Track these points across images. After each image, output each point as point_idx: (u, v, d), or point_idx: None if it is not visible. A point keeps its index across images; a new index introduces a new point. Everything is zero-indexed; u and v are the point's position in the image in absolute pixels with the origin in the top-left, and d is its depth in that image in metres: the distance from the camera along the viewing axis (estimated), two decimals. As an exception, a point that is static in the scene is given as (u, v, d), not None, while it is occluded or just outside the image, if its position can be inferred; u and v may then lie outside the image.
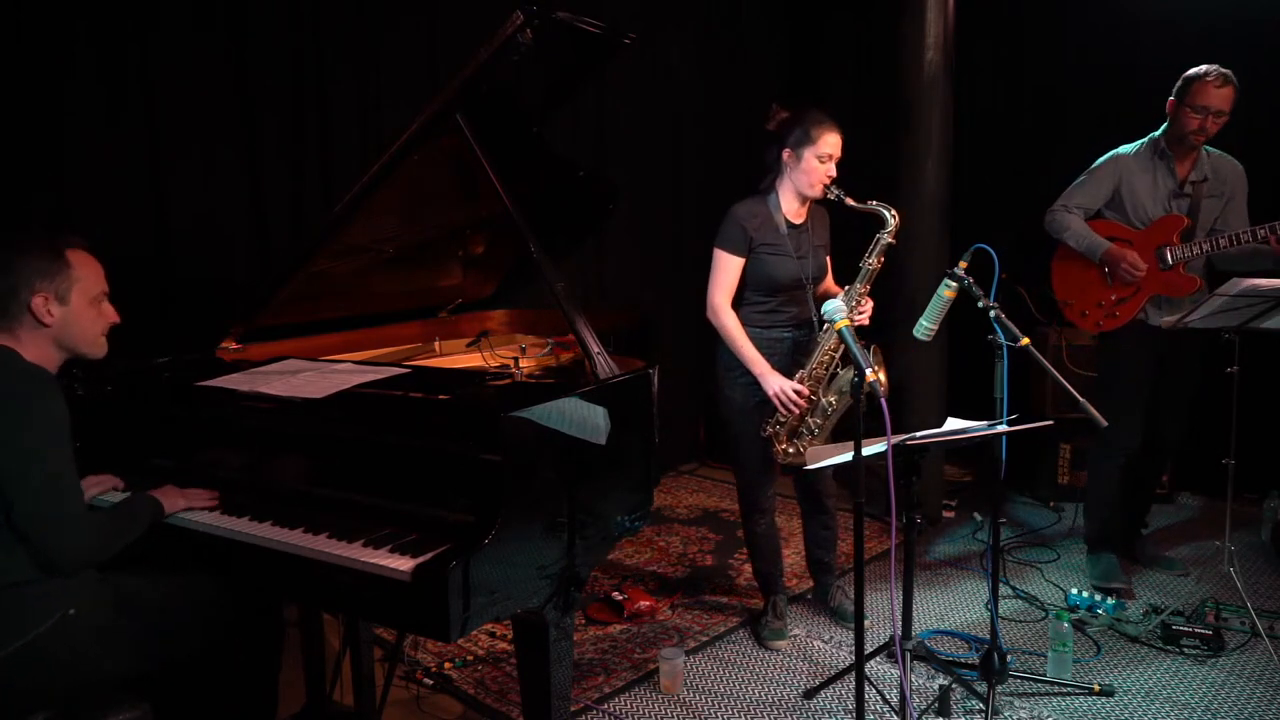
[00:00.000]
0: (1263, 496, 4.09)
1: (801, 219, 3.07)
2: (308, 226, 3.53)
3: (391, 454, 2.08)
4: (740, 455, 3.18)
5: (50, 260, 1.99)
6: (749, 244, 3.01)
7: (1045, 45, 4.95)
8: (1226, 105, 3.28)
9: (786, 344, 3.07)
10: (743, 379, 3.04)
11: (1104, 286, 3.47)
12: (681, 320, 5.23)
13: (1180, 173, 3.42)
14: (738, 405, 3.10)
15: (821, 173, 2.93)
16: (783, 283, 3.02)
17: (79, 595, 1.95)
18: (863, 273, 2.95)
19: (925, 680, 2.97)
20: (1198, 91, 3.29)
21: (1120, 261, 3.38)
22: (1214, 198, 3.43)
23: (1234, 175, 3.47)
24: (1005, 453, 2.71)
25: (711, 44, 5.33)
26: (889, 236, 2.92)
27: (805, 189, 2.98)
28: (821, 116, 2.95)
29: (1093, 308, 3.50)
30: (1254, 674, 2.97)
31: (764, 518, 3.24)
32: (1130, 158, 3.49)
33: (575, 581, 2.10)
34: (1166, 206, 3.42)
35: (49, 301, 1.98)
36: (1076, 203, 3.53)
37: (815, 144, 2.92)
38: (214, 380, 2.38)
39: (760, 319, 3.07)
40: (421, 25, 3.97)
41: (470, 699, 2.92)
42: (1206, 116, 3.29)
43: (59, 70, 3.07)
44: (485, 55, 2.24)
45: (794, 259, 3.01)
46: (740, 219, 3.02)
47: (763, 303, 3.06)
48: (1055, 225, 3.53)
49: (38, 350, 2.00)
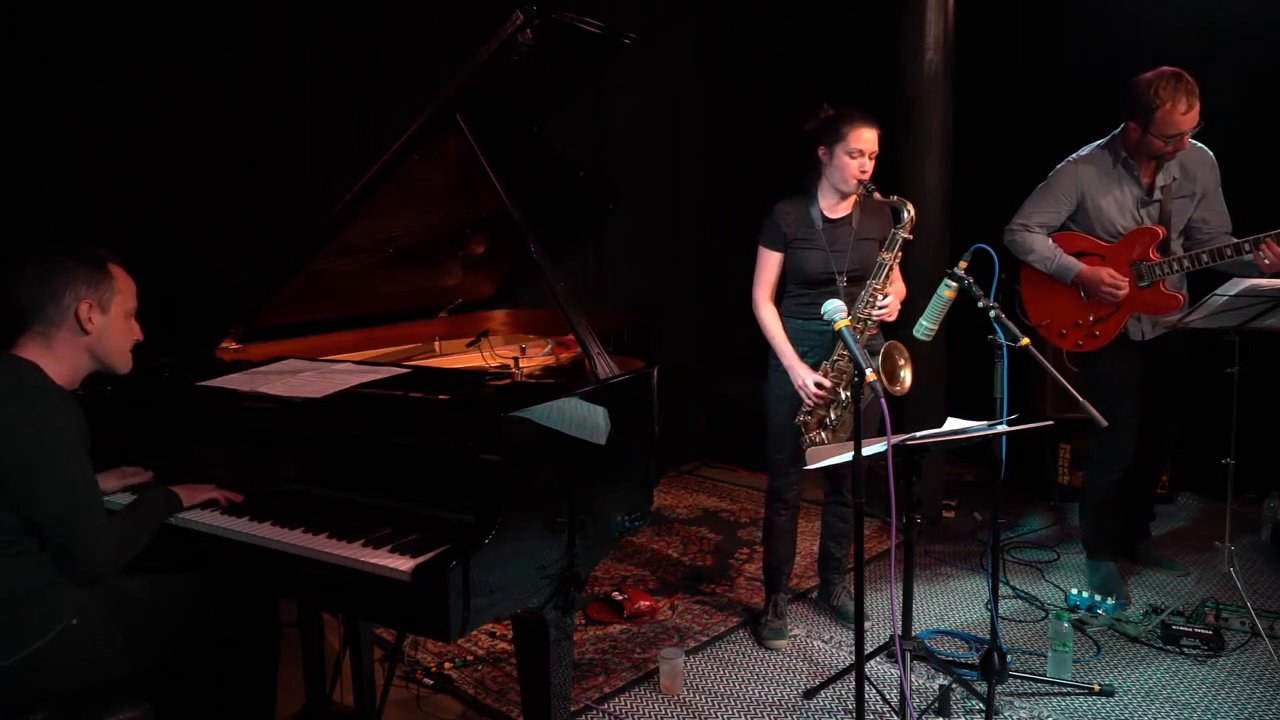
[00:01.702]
0: (1263, 496, 4.09)
1: (841, 214, 3.10)
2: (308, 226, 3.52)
3: (391, 454, 2.09)
4: (772, 443, 3.22)
5: (96, 269, 2.03)
6: (784, 239, 3.08)
7: (1045, 45, 4.96)
8: (1199, 118, 3.05)
9: (825, 337, 3.09)
10: (783, 368, 3.11)
11: (1080, 306, 3.31)
12: (682, 320, 5.24)
13: (1146, 179, 3.24)
14: (777, 393, 3.16)
15: (854, 168, 2.97)
16: (814, 276, 3.07)
17: (80, 603, 1.95)
18: (880, 268, 2.98)
19: (925, 680, 2.97)
20: (1164, 122, 3.04)
21: (1099, 285, 3.21)
22: (1184, 198, 3.27)
23: (1203, 167, 3.27)
24: (1005, 453, 2.71)
25: (712, 44, 5.33)
26: (905, 232, 2.95)
27: (839, 184, 3.03)
28: (854, 113, 2.99)
29: (1070, 328, 3.35)
30: (1254, 674, 2.97)
31: (787, 510, 3.26)
32: (1090, 167, 3.29)
33: (575, 581, 2.10)
34: (1136, 217, 3.25)
35: (93, 309, 2.01)
36: (1038, 221, 3.34)
37: (846, 140, 2.96)
38: (214, 380, 2.38)
39: (800, 311, 3.13)
40: (421, 25, 3.97)
41: (470, 699, 2.92)
42: (1182, 139, 3.08)
43: (59, 71, 3.07)
44: (485, 55, 2.24)
45: (825, 253, 3.05)
46: (777, 215, 3.11)
47: (801, 295, 3.13)
48: (1017, 247, 3.36)
49: (71, 358, 2.02)
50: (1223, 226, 3.34)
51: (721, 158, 5.37)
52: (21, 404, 1.91)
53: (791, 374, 3.06)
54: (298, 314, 2.84)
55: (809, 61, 5.76)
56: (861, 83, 5.38)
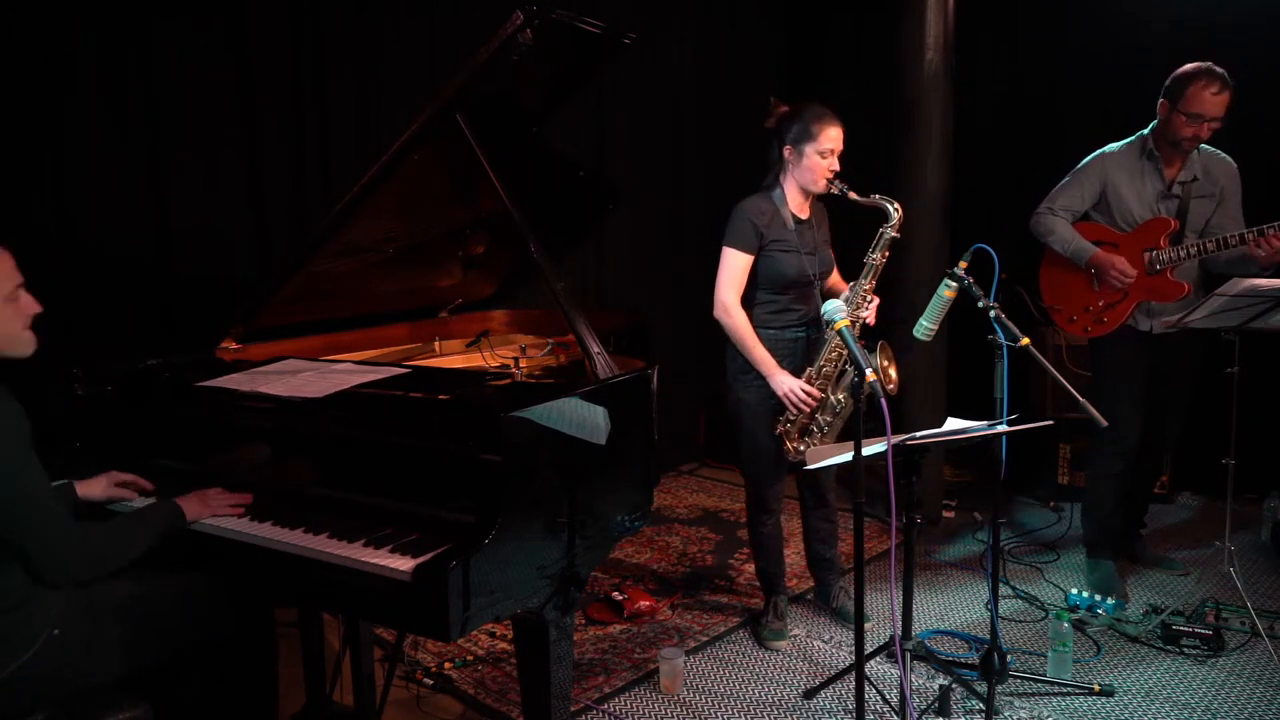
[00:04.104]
0: (1263, 496, 4.09)
1: (806, 214, 3.06)
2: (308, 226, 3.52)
3: (391, 454, 2.09)
4: (750, 455, 3.16)
5: None
6: (760, 241, 2.98)
7: (1045, 45, 4.95)
8: (1223, 111, 3.16)
9: (800, 343, 3.06)
10: (755, 381, 3.01)
11: (1090, 291, 3.40)
12: (681, 320, 5.23)
13: (1169, 173, 3.31)
14: (750, 407, 3.07)
15: (824, 168, 2.92)
16: (792, 279, 3.00)
17: (61, 612, 1.90)
18: (867, 269, 2.95)
19: (925, 680, 2.97)
20: (1193, 98, 3.14)
21: (1109, 269, 3.29)
22: (1204, 198, 3.33)
23: (1226, 174, 3.36)
24: (1005, 453, 2.71)
25: (712, 44, 5.33)
26: (893, 231, 2.92)
27: (808, 185, 2.97)
28: (821, 110, 2.93)
29: (1080, 313, 3.43)
30: (1254, 674, 2.97)
31: (771, 518, 3.23)
32: (1117, 157, 3.38)
33: (575, 581, 2.11)
34: (1154, 209, 3.33)
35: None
36: (1061, 205, 3.43)
37: (816, 139, 2.91)
38: (214, 380, 2.38)
39: (772, 319, 3.04)
40: (421, 25, 3.97)
41: (470, 699, 2.92)
42: (1202, 124, 3.16)
43: (59, 71, 3.07)
44: (485, 55, 2.24)
45: (802, 255, 3.00)
46: (751, 216, 2.98)
47: (773, 301, 3.04)
48: (1040, 228, 3.46)
49: None
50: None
51: (721, 158, 5.36)
52: None
53: (774, 383, 2.95)
54: (298, 314, 2.84)
55: (809, 61, 5.76)
56: (861, 83, 5.37)
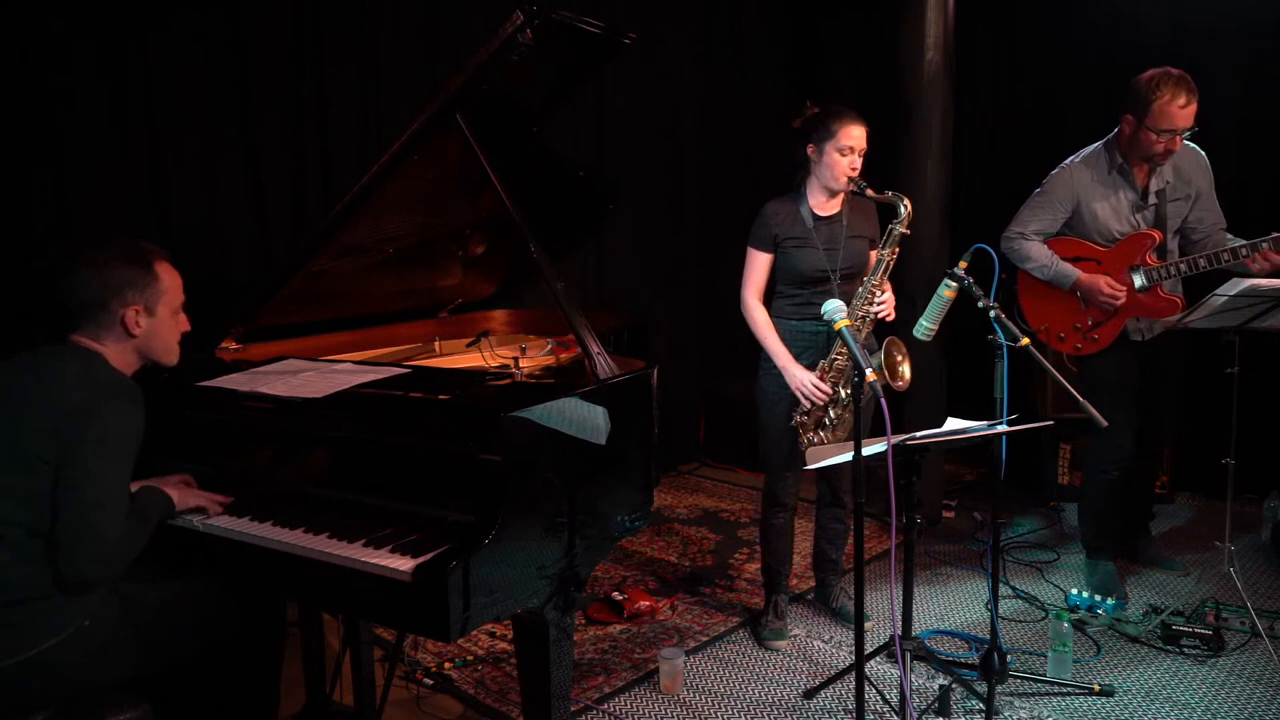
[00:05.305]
0: (1263, 496, 4.08)
1: (831, 211, 3.09)
2: (308, 226, 3.53)
3: (392, 454, 2.09)
4: (768, 447, 3.20)
5: (141, 272, 2.03)
6: (774, 240, 3.06)
7: (1045, 45, 4.95)
8: (1192, 120, 3.05)
9: (821, 336, 3.08)
10: (774, 370, 3.09)
11: (1078, 311, 3.32)
12: (682, 320, 5.24)
13: (1140, 182, 3.24)
14: (769, 395, 3.13)
15: (844, 165, 2.96)
16: (808, 275, 3.05)
17: (95, 608, 1.95)
18: (878, 264, 2.98)
19: (925, 680, 2.97)
20: (1161, 114, 3.04)
21: (1097, 292, 3.22)
22: (1179, 200, 3.28)
23: (1196, 168, 3.28)
24: (1005, 453, 2.71)
25: (712, 44, 5.33)
26: (902, 227, 2.94)
27: (829, 182, 3.02)
28: (842, 110, 2.99)
29: (1070, 331, 3.36)
30: (1254, 674, 2.97)
31: (784, 513, 3.25)
32: (1085, 173, 3.29)
33: (575, 581, 2.11)
34: (1132, 222, 3.26)
35: (140, 314, 2.02)
36: (1034, 229, 3.34)
37: (836, 138, 2.95)
38: (214, 381, 2.38)
39: (793, 311, 3.11)
40: (421, 25, 3.97)
41: (470, 699, 2.92)
42: (1174, 138, 3.07)
43: (59, 71, 3.07)
44: (485, 55, 2.24)
45: (818, 251, 3.04)
46: (767, 216, 3.09)
47: (794, 295, 3.11)
48: (1015, 255, 3.36)
49: (120, 358, 2.04)
50: (1217, 224, 3.35)
51: (721, 158, 5.37)
52: (93, 393, 1.92)
53: (787, 375, 3.03)
54: (298, 314, 2.84)
55: (809, 61, 5.76)
56: (861, 83, 5.39)
